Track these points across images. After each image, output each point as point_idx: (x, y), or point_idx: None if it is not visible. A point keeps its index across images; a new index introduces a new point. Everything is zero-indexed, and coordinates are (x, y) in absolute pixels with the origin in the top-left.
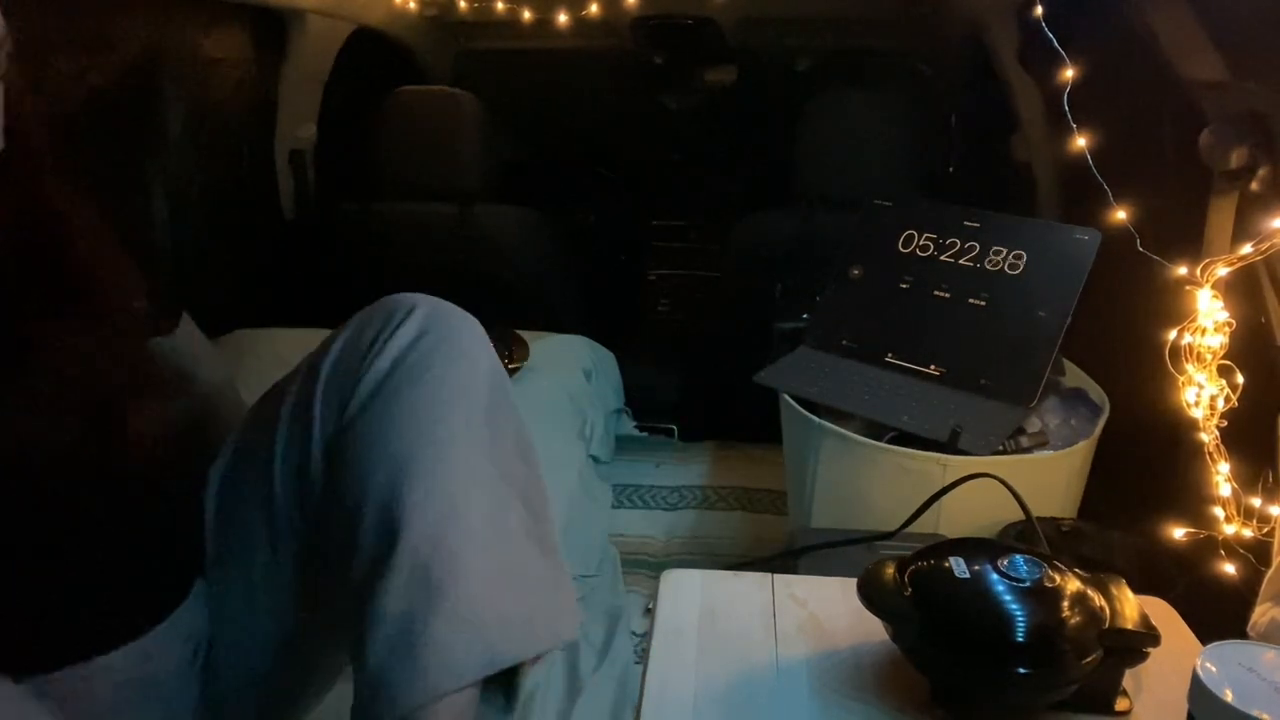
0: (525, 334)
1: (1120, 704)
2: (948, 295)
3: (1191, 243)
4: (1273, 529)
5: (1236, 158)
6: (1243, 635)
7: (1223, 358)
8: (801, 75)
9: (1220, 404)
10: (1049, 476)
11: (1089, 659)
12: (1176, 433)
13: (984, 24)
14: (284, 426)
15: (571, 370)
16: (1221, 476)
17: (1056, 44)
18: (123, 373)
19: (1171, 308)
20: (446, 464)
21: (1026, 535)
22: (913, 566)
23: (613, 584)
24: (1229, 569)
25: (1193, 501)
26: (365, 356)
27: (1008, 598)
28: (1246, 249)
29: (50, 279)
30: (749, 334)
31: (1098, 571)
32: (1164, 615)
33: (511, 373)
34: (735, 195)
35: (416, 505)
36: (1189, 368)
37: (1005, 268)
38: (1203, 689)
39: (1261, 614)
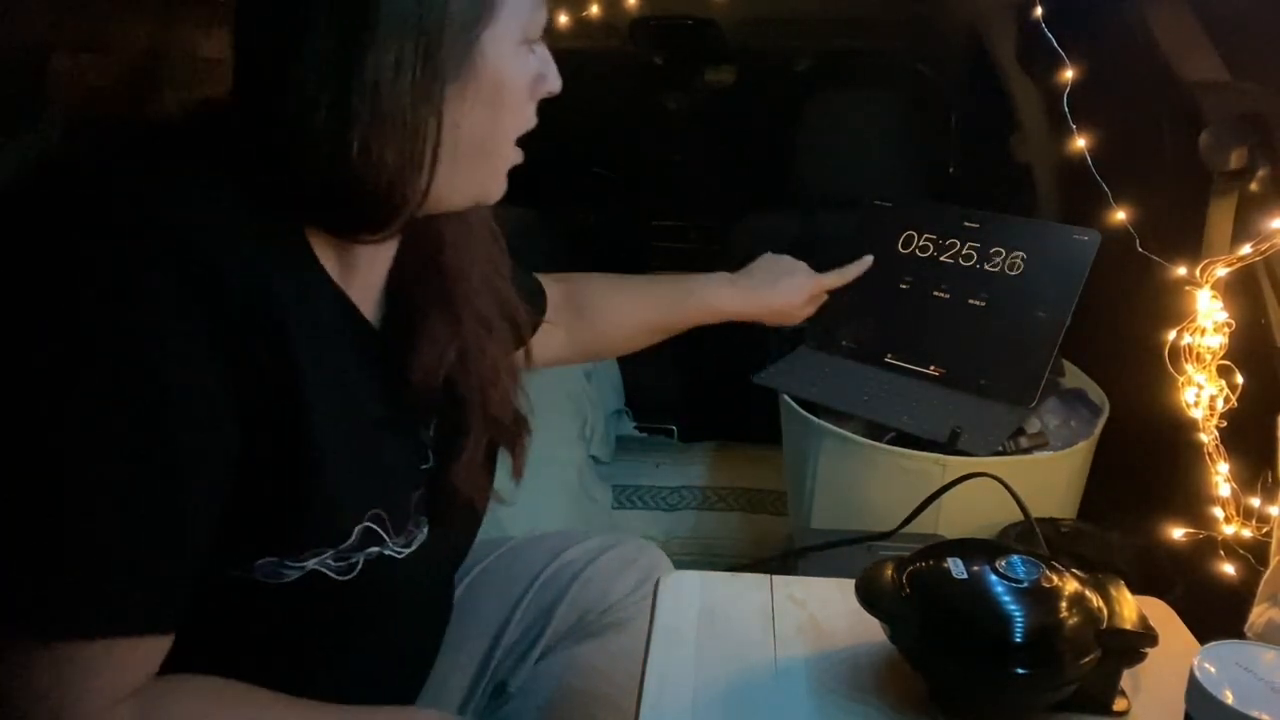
0: None
1: (1118, 704)
2: (948, 295)
3: (1191, 243)
4: (1272, 529)
5: (1236, 158)
6: (1242, 636)
7: (1222, 358)
8: (801, 75)
9: (1220, 404)
10: (1048, 477)
11: (1087, 659)
12: (1176, 433)
13: (984, 24)
14: (521, 616)
15: (571, 370)
16: (1221, 477)
17: (1056, 44)
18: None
19: (1171, 308)
20: None
21: (1026, 536)
22: (911, 567)
23: None
24: (1228, 569)
25: (1192, 502)
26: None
27: (1005, 598)
28: (1246, 249)
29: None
30: (749, 334)
31: (1097, 572)
32: (1162, 616)
33: None
34: (735, 195)
35: None
36: (1188, 368)
37: (1005, 268)
38: (1200, 689)
39: (1259, 614)
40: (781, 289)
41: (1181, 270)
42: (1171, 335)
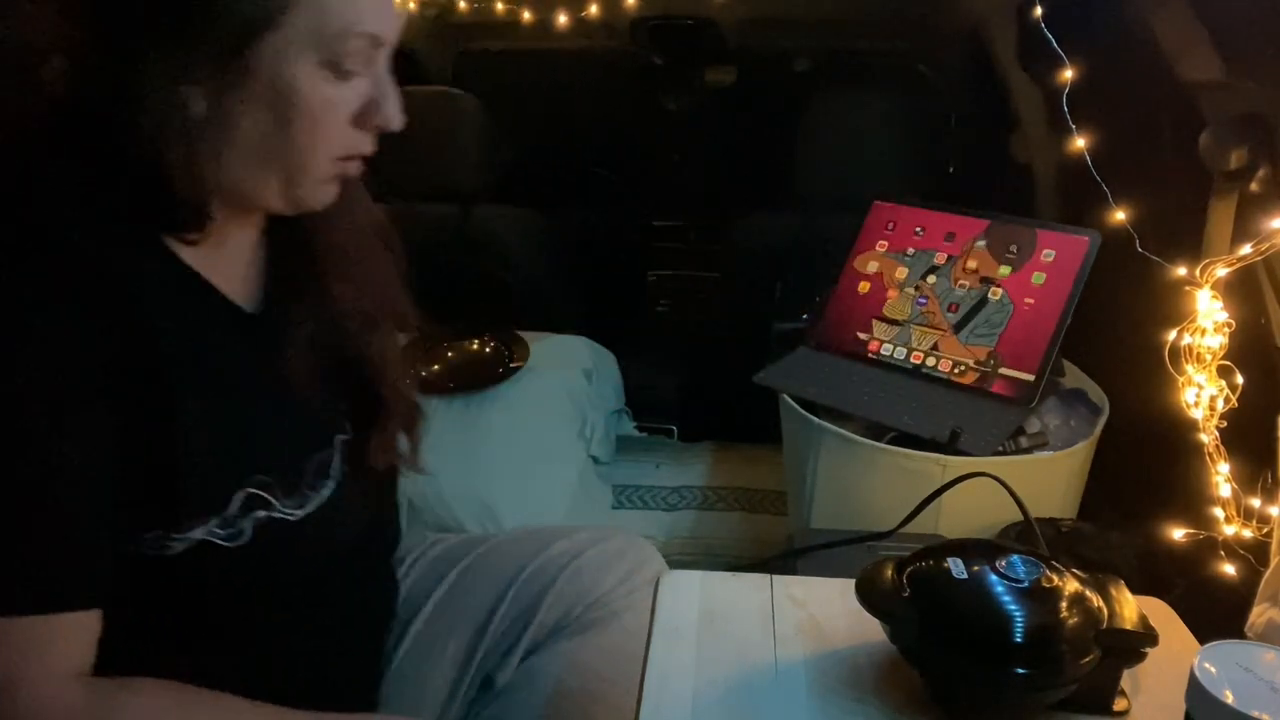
0: (525, 334)
1: (1118, 704)
2: None
3: (1191, 243)
4: (1272, 529)
5: (1236, 158)
6: (1242, 636)
7: (1222, 358)
8: (801, 75)
9: (1220, 404)
10: (1049, 477)
11: (1086, 659)
12: (1176, 433)
13: (984, 24)
14: (505, 610)
15: (571, 370)
16: (1221, 477)
17: (1056, 44)
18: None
19: (1171, 308)
20: None
21: (1025, 536)
22: (911, 567)
23: None
24: (1228, 569)
25: (1192, 502)
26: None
27: (1005, 598)
28: (1246, 249)
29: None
30: (749, 334)
31: (1097, 572)
32: (1163, 616)
33: (511, 372)
34: (735, 195)
35: None
36: (1189, 368)
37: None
38: (1200, 689)
39: (1259, 614)
40: None
41: (1181, 270)
42: (1171, 335)
